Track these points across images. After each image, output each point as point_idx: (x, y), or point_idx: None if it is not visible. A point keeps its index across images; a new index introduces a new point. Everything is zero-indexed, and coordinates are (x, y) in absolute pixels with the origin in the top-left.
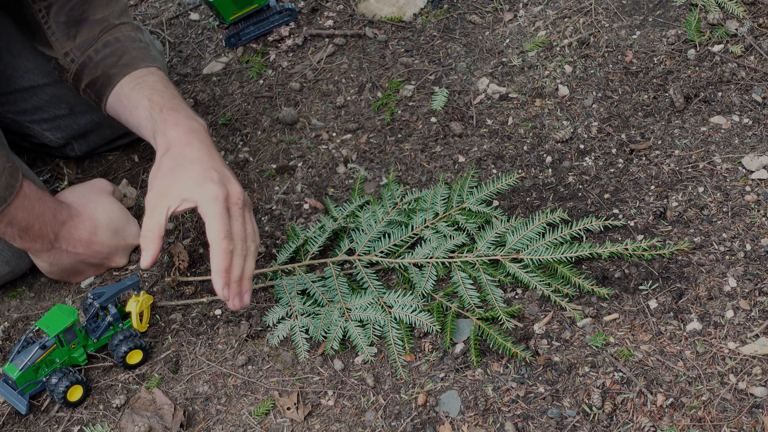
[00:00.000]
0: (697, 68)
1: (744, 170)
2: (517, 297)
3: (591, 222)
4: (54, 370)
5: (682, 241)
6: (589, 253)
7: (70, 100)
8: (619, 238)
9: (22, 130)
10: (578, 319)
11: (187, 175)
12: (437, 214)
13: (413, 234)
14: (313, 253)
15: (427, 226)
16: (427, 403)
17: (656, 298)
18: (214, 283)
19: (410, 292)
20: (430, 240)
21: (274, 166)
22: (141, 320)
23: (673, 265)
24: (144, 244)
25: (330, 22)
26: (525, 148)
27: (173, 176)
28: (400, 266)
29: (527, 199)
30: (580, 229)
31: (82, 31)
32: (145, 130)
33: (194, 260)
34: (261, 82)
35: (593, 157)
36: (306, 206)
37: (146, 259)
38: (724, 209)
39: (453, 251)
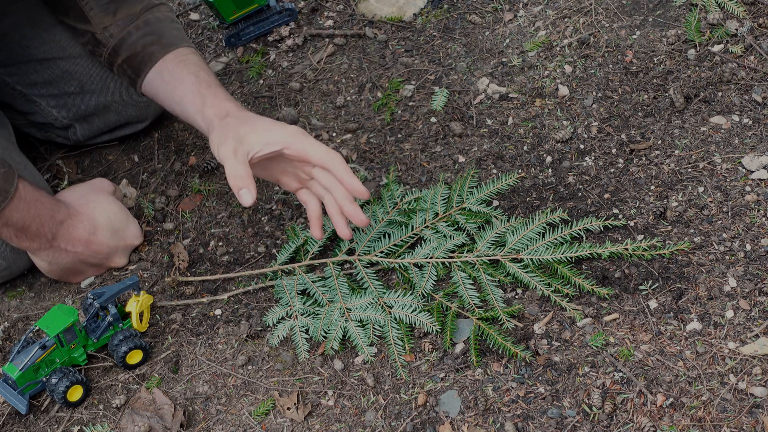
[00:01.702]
0: (697, 68)
1: (744, 170)
2: (517, 297)
3: (591, 222)
4: (54, 370)
5: (682, 241)
6: (589, 253)
7: (82, 78)
8: (619, 238)
9: (28, 106)
10: (578, 319)
11: (260, 124)
12: (437, 214)
13: (413, 234)
14: (313, 253)
15: (427, 226)
16: (427, 403)
17: (656, 298)
18: (358, 188)
19: (410, 292)
20: (430, 240)
21: None
22: (141, 320)
23: (673, 265)
24: (238, 184)
25: (330, 22)
26: (525, 148)
27: (245, 128)
28: (400, 266)
29: (527, 199)
30: (580, 229)
31: (122, 8)
32: (190, 104)
33: (194, 260)
34: (261, 82)
35: (593, 157)
36: None
37: (248, 198)
38: (724, 209)
39: (453, 251)
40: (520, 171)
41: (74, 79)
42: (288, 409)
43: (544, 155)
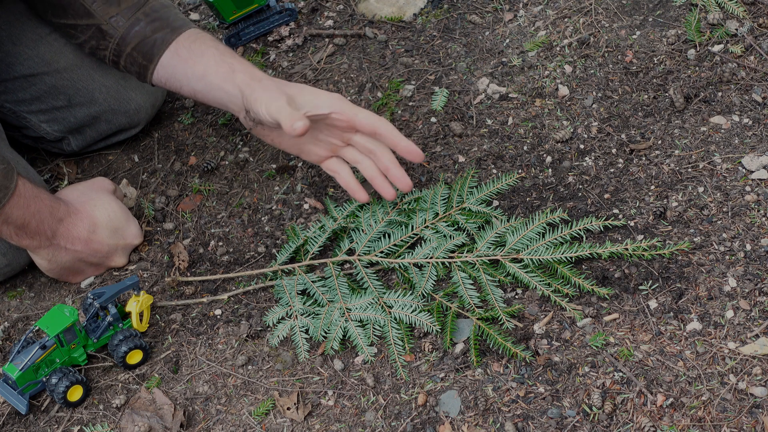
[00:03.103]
0: (697, 68)
1: (744, 170)
2: (517, 297)
3: (591, 222)
4: (54, 370)
5: (682, 241)
6: (589, 253)
7: (68, 92)
8: (619, 238)
9: (19, 122)
10: (578, 319)
11: (305, 88)
12: (437, 214)
13: (413, 234)
14: (313, 253)
15: (427, 226)
16: (427, 403)
17: (656, 298)
18: (413, 150)
19: (410, 292)
20: (430, 240)
21: (274, 166)
22: (141, 320)
23: (673, 265)
24: (294, 117)
25: (330, 22)
26: (525, 148)
27: (292, 89)
28: (400, 266)
29: (527, 199)
30: (580, 229)
31: None
32: (215, 74)
33: (194, 260)
34: None
35: (593, 157)
36: (306, 206)
37: (299, 125)
38: (724, 209)
39: (453, 251)
40: (520, 171)
41: (61, 93)
42: (288, 409)
43: (544, 155)
